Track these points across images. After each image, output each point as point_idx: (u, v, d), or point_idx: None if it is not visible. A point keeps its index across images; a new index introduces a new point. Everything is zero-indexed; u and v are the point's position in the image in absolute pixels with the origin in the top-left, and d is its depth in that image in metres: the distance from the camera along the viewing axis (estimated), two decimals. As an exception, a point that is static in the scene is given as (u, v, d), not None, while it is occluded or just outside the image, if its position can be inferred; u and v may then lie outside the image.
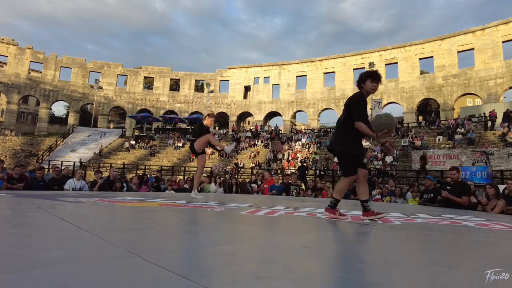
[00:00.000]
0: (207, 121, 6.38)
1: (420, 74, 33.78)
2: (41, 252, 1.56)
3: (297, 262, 1.62)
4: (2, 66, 39.01)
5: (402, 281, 1.43)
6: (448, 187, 6.57)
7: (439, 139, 23.31)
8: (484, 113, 25.51)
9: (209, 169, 21.77)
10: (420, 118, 35.85)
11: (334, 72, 37.67)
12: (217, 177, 11.19)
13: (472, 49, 30.35)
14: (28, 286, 1.09)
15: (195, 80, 43.70)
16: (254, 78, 41.42)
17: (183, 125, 36.74)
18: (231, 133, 35.57)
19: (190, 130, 33.99)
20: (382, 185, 12.55)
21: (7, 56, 38.04)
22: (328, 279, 1.37)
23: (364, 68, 33.86)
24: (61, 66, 40.31)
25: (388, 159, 20.75)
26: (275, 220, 3.37)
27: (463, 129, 23.16)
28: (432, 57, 32.67)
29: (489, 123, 23.72)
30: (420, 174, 17.67)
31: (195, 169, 10.12)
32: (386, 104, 34.35)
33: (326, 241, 2.35)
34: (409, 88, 33.10)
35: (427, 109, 41.29)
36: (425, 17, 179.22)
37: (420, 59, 33.48)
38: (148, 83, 45.28)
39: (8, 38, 38.73)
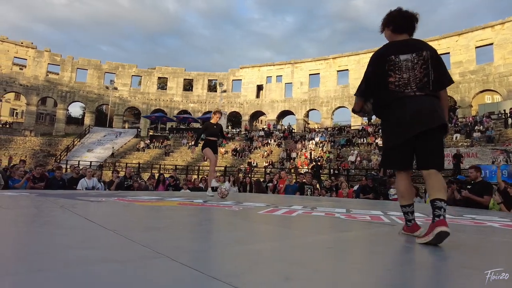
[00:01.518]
0: (213, 119, 6.69)
1: (437, 70, 33.06)
2: (70, 251, 1.59)
3: (323, 263, 1.61)
4: (22, 69, 40.09)
5: (434, 284, 1.39)
6: (469, 186, 6.41)
7: (456, 137, 22.80)
8: (504, 110, 24.79)
9: (222, 168, 21.87)
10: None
11: (347, 69, 37.28)
12: (231, 175, 11.28)
13: (491, 44, 29.53)
14: (63, 285, 1.11)
15: (208, 80, 43.95)
16: (267, 77, 41.37)
17: (197, 125, 36.98)
18: (244, 132, 35.64)
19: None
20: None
21: (26, 59, 39.10)
22: (358, 281, 1.35)
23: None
24: (77, 68, 41.17)
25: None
26: (294, 220, 3.35)
27: (481, 126, 22.58)
28: (448, 53, 31.91)
29: (510, 120, 23.05)
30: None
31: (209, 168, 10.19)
32: (401, 102, 33.75)
33: (348, 241, 2.32)
34: (425, 85, 32.42)
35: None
36: (439, 13, 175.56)
37: (436, 55, 32.75)
38: (162, 84, 45.78)
39: (27, 41, 39.79)
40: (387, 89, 2.30)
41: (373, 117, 2.64)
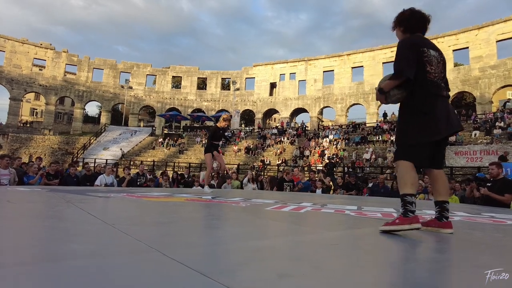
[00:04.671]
0: (221, 124, 6.72)
1: (454, 66, 32.13)
2: (63, 245, 1.54)
3: (325, 260, 1.51)
4: (41, 70, 41.10)
5: (447, 284, 1.28)
6: (489, 184, 6.13)
7: (475, 134, 22.09)
8: (527, 106, 23.87)
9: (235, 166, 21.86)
10: (455, 112, 34.13)
11: (362, 66, 36.62)
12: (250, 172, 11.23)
13: (513, 37, 28.44)
14: (45, 278, 1.06)
15: (222, 78, 44.02)
16: (280, 74, 41.08)
17: (210, 123, 37.15)
18: (257, 130, 35.55)
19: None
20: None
21: (45, 60, 40.07)
22: (360, 279, 1.25)
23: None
24: (93, 68, 41.91)
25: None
26: (302, 217, 3.25)
27: (502, 123, 21.80)
28: (467, 48, 30.92)
29: (533, 117, 22.16)
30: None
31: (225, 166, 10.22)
32: (417, 99, 32.90)
33: (356, 238, 2.21)
34: (443, 81, 31.54)
35: (462, 103, 39.28)
36: (457, 8, 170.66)
37: (454, 50, 31.77)
38: (176, 82, 46.14)
39: (46, 43, 40.78)
40: (426, 79, 2.26)
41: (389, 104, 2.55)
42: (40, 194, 4.47)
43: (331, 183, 11.69)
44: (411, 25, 2.44)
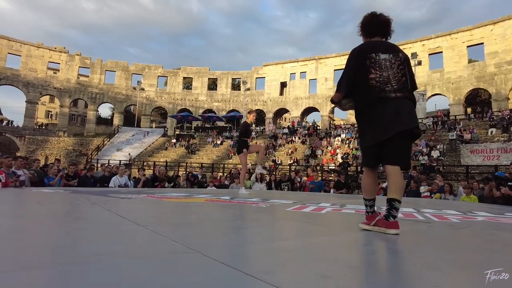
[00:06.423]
0: (250, 119, 6.62)
1: (468, 62, 31.51)
2: (103, 246, 1.60)
3: (361, 261, 1.53)
4: (55, 73, 41.92)
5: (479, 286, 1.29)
6: (510, 183, 6.03)
7: (491, 132, 21.65)
8: (545, 102, 23.27)
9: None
10: (469, 110, 33.53)
11: (373, 64, 36.25)
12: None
13: (530, 32, 27.76)
14: (91, 278, 1.10)
15: (232, 78, 44.16)
16: (290, 73, 40.99)
17: (221, 123, 37.35)
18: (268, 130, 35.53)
19: (228, 128, 34.54)
20: (429, 181, 11.84)
21: (59, 63, 40.86)
22: (400, 280, 1.27)
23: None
24: (105, 70, 42.54)
25: (435, 154, 19.61)
26: (324, 217, 3.27)
27: (520, 120, 21.31)
28: (482, 43, 30.30)
29: (551, 113, 21.61)
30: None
31: (232, 165, 10.33)
32: (430, 96, 32.45)
33: (385, 239, 2.22)
34: (456, 78, 31.02)
35: (477, 100, 38.52)
36: (470, 3, 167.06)
37: (468, 46, 31.18)
38: (187, 83, 46.48)
39: (60, 46, 41.59)
40: (368, 85, 2.32)
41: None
42: (64, 195, 4.59)
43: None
44: (367, 30, 2.52)
